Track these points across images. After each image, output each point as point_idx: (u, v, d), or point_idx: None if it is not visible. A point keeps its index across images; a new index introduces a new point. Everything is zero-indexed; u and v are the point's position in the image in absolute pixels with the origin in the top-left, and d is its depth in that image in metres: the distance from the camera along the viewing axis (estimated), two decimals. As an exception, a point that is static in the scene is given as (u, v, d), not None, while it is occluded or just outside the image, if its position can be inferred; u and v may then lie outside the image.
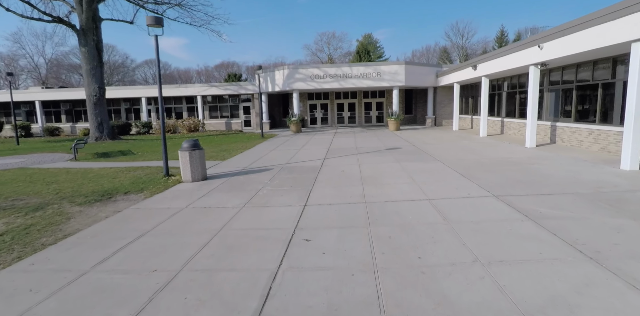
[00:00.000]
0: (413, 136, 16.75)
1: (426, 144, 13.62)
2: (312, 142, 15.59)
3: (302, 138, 17.71)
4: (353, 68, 20.80)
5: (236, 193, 7.02)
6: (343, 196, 6.42)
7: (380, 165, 9.37)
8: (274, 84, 22.36)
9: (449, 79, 20.22)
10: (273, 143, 15.83)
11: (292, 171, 9.11)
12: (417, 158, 10.36)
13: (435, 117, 23.29)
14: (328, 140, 16.40)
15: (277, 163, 10.45)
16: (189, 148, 8.22)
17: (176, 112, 26.55)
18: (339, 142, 15.21)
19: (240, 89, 24.50)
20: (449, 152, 11.21)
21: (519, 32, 58.78)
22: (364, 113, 25.97)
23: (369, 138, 16.58)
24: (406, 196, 6.17)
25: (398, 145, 13.51)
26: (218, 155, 12.39)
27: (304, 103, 25.84)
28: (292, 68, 21.16)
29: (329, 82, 21.04)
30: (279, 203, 6.18)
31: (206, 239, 4.53)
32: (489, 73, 14.60)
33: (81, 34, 16.72)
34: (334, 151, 12.67)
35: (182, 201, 6.55)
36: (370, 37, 62.56)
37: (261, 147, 14.37)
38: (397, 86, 20.89)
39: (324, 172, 8.76)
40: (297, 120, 20.62)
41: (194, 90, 24.80)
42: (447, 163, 9.28)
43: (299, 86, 21.27)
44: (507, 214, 4.96)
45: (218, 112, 26.09)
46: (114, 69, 61.34)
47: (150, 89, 25.24)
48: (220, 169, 9.74)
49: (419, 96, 26.01)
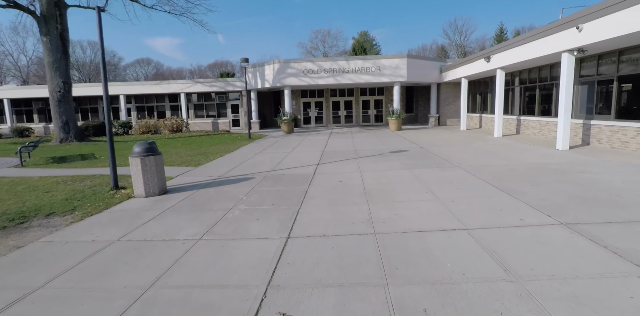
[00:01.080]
0: (418, 137, 14.97)
1: (435, 145, 11.83)
2: (305, 144, 13.75)
3: (294, 139, 15.86)
4: (350, 62, 18.99)
5: (197, 214, 5.17)
6: (342, 220, 4.60)
7: (387, 173, 7.55)
8: (263, 80, 20.49)
9: (455, 73, 18.47)
10: (260, 145, 13.96)
11: (277, 180, 7.27)
12: (430, 163, 8.56)
13: (439, 116, 21.55)
14: (323, 141, 14.57)
15: (260, 169, 8.60)
16: (141, 153, 6.34)
17: (158, 111, 24.56)
18: (335, 144, 13.38)
19: (227, 86, 22.59)
20: (467, 155, 9.43)
21: (516, 30, 57.56)
22: (362, 112, 24.18)
23: (368, 139, 14.77)
24: (432, 222, 4.35)
25: (403, 147, 11.71)
26: (193, 160, 10.51)
27: (296, 101, 23.99)
28: (284, 62, 19.32)
29: (323, 77, 19.21)
30: (251, 232, 4.35)
31: (116, 312, 2.67)
32: (505, 65, 12.85)
33: (42, 21, 14.73)
34: (329, 154, 10.84)
35: (118, 228, 4.69)
36: (367, 35, 60.91)
37: (245, 150, 12.49)
38: (399, 81, 19.11)
39: (317, 183, 6.92)
40: (288, 119, 18.77)
41: (177, 87, 22.85)
42: (471, 170, 7.48)
43: (291, 81, 19.42)
44: (604, 263, 3.15)
45: (204, 111, 24.15)
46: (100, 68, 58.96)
47: (129, 86, 23.23)
48: (189, 178, 7.87)
49: (420, 94, 24.26)
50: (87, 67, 58.81)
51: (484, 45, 57.34)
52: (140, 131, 21.55)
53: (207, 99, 23.99)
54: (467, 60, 16.59)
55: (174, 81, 22.88)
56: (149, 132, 21.74)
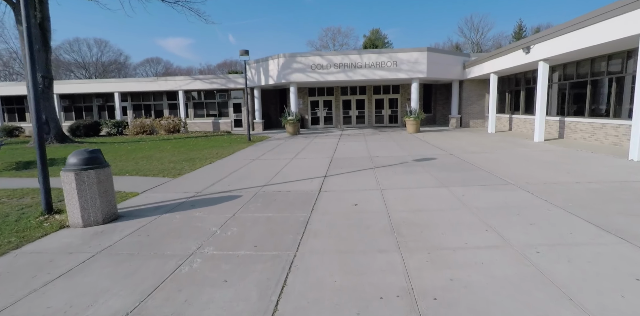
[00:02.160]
0: (442, 140, 12.96)
1: (468, 152, 9.84)
2: (311, 149, 11.87)
3: (299, 142, 14.00)
4: (363, 56, 17.05)
5: (137, 265, 3.34)
6: (362, 291, 2.72)
7: (417, 193, 5.62)
8: (267, 76, 18.69)
9: (481, 69, 16.39)
10: (259, 149, 12.13)
11: (270, 201, 5.41)
12: (472, 177, 6.60)
13: (461, 116, 19.47)
14: (332, 145, 12.68)
15: (252, 183, 6.75)
16: (78, 166, 4.54)
17: (156, 110, 22.96)
18: (346, 149, 11.48)
19: (229, 83, 20.85)
20: (516, 167, 7.44)
21: (536, 28, 54.80)
22: (375, 112, 22.21)
23: (384, 143, 12.83)
24: (524, 304, 2.42)
25: (428, 154, 9.76)
26: (175, 167, 8.73)
27: (304, 99, 22.15)
28: (289, 56, 17.48)
29: (333, 73, 17.31)
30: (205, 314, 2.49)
31: None
32: (551, 56, 10.78)
33: (18, 8, 13.23)
34: (339, 162, 8.94)
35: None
36: (378, 33, 58.88)
37: (241, 156, 10.67)
38: (417, 78, 17.10)
39: (322, 206, 5.04)
40: (294, 120, 16.92)
41: (175, 84, 21.18)
42: (533, 190, 5.51)
43: (297, 77, 17.57)
44: None
45: (204, 110, 22.45)
46: (106, 66, 58.17)
47: (124, 83, 21.64)
48: (159, 194, 6.07)
49: (439, 92, 22.19)
50: (94, 65, 58.03)
51: (500, 43, 54.73)
52: (135, 131, 19.96)
53: (208, 97, 22.30)
54: (497, 53, 14.52)
55: (172, 77, 21.23)
56: (144, 133, 20.13)
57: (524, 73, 15.06)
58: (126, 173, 8.26)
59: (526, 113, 15.03)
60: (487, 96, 19.08)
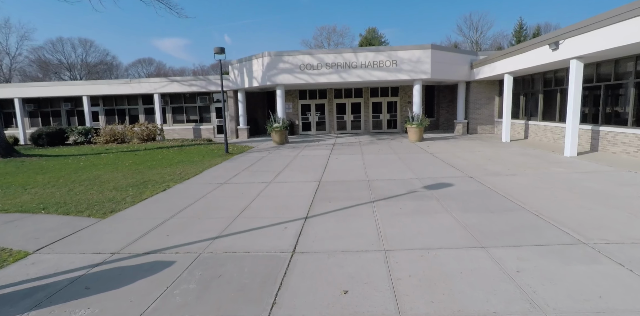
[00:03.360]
0: (452, 153, 10.98)
1: (491, 173, 7.86)
2: (296, 165, 9.85)
3: (285, 155, 11.97)
4: (359, 54, 15.05)
5: None
6: None
7: (443, 261, 3.61)
8: (251, 77, 16.63)
9: (492, 69, 14.45)
10: (234, 166, 10.08)
11: (210, 280, 3.39)
12: (515, 225, 4.60)
13: (468, 121, 17.51)
14: (322, 160, 10.66)
15: (200, 233, 4.71)
16: None
17: (131, 115, 20.83)
18: (338, 166, 9.46)
19: (209, 85, 18.75)
20: (570, 204, 5.45)
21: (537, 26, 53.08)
22: (372, 116, 20.22)
23: (384, 156, 10.83)
24: None
25: (441, 175, 7.77)
26: (114, 198, 6.68)
27: (294, 103, 20.12)
28: (275, 55, 15.44)
29: (325, 74, 15.30)
30: None
31: None
32: (588, 53, 8.82)
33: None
34: (328, 189, 6.92)
35: None
36: (375, 32, 57.04)
37: (208, 177, 8.62)
38: (420, 79, 15.13)
39: (289, 300, 3.00)
40: (280, 127, 14.88)
41: (150, 86, 19.05)
42: (626, 259, 3.52)
43: (285, 79, 15.53)
44: None
45: (184, 115, 20.34)
46: (92, 67, 55.78)
47: (94, 86, 19.43)
48: (55, 256, 4.03)
49: (442, 94, 20.25)
50: (78, 66, 55.60)
51: (499, 43, 52.95)
52: (105, 139, 17.82)
53: (188, 101, 20.20)
54: (514, 50, 12.57)
55: (146, 79, 19.13)
56: (115, 141, 18.00)
57: (543, 74, 13.13)
58: (44, 208, 6.22)
59: (545, 119, 13.10)
60: (497, 99, 17.16)
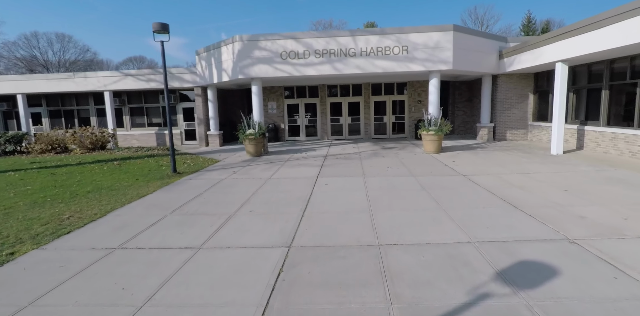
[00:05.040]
0: (497, 177, 7.44)
1: (609, 233, 4.33)
2: (262, 201, 6.26)
3: (253, 177, 8.41)
4: (358, 38, 11.50)
5: None
6: None
7: None
8: (220, 69, 13.04)
9: (537, 56, 10.94)
10: (165, 202, 6.48)
11: None
12: None
13: (495, 125, 14.00)
14: (303, 187, 7.09)
15: None
16: None
17: (81, 118, 17.17)
18: (327, 204, 5.89)
19: (172, 81, 15.13)
20: None
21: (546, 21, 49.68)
22: (374, 119, 16.69)
23: (397, 182, 7.27)
24: None
25: (514, 237, 4.22)
26: None
27: (278, 103, 16.55)
28: (249, 40, 11.85)
29: (314, 64, 11.73)
30: None
31: None
32: None
33: None
34: (301, 271, 3.34)
35: None
36: (374, 26, 53.47)
37: (96, 232, 5.02)
38: (438, 71, 11.59)
39: None
40: (256, 134, 11.29)
41: (98, 82, 15.41)
42: None
43: (261, 71, 11.94)
44: None
45: (145, 118, 16.71)
46: (71, 64, 51.86)
47: (30, 82, 15.69)
48: None
49: (457, 92, 16.74)
50: (56, 64, 51.69)
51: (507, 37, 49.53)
52: (41, 148, 14.20)
53: (150, 100, 16.57)
54: (575, 29, 9.06)
55: (93, 72, 15.50)
56: (54, 151, 14.37)
57: (609, 62, 9.65)
58: None
59: (614, 125, 9.62)
60: (531, 97, 13.66)
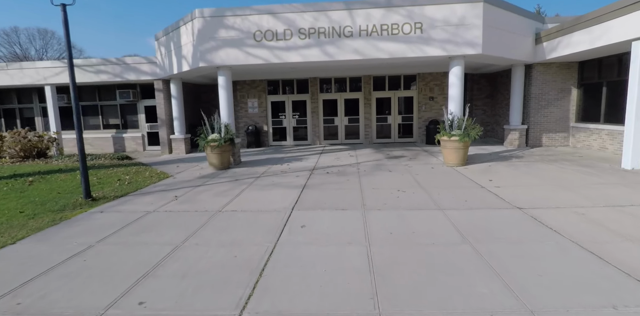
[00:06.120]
0: (572, 211, 4.68)
1: None
2: (181, 266, 3.45)
3: (197, 208, 5.61)
4: (356, 13, 8.70)
5: None
6: None
7: None
8: (180, 56, 10.23)
9: (596, 36, 8.20)
10: (24, 269, 3.68)
11: None
12: None
13: (528, 128, 11.23)
14: (264, 235, 4.29)
15: None
16: None
17: (24, 118, 14.38)
18: (294, 276, 3.08)
19: (127, 72, 12.30)
20: None
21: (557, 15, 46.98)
22: (376, 119, 13.91)
23: (414, 220, 4.48)
24: None
25: None
26: None
27: (260, 100, 13.77)
28: (212, 16, 9.05)
29: (299, 47, 8.93)
30: None
31: None
32: None
33: None
34: None
35: None
36: (373, 21, 50.59)
37: None
38: (463, 55, 8.81)
39: None
40: (220, 141, 8.48)
41: (37, 74, 12.64)
42: None
43: (229, 57, 9.13)
44: None
45: (100, 118, 13.90)
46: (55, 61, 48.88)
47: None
48: None
49: (477, 86, 13.99)
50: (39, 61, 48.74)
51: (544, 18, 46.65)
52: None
53: (105, 96, 13.75)
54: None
55: (31, 63, 12.76)
56: (-22, 160, 11.56)
57: None
58: None
59: None
60: (574, 92, 10.90)
